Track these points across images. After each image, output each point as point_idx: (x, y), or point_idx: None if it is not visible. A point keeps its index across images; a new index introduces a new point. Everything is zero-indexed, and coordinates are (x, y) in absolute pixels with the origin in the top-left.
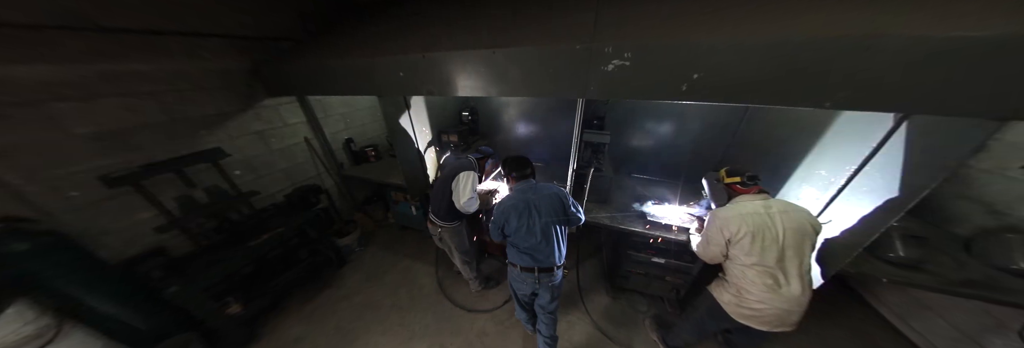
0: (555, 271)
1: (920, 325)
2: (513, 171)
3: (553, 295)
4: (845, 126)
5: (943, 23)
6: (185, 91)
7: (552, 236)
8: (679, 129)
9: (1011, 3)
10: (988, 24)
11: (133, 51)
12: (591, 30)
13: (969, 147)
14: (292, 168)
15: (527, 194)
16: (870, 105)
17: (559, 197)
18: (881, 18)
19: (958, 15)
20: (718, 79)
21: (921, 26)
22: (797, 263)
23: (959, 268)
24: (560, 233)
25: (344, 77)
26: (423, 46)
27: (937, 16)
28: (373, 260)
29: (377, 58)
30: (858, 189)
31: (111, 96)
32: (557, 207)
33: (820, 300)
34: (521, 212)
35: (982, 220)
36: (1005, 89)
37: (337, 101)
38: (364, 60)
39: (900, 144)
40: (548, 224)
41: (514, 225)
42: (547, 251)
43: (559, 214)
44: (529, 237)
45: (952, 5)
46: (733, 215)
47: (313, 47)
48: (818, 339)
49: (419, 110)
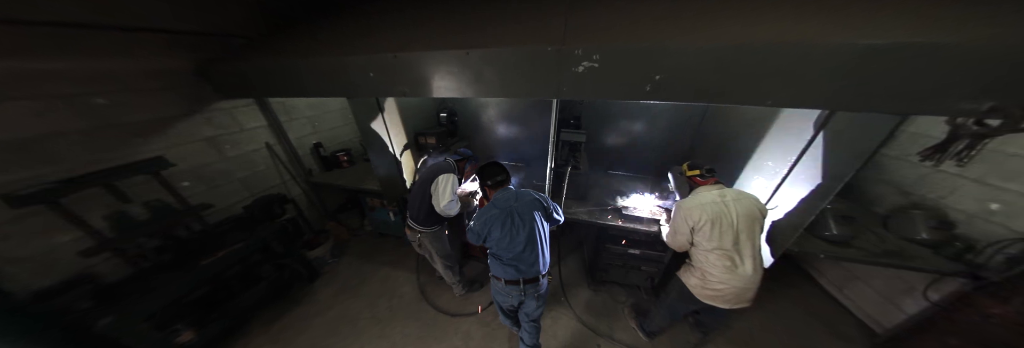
0: (540, 280)
1: (852, 293)
2: (487, 180)
3: (539, 303)
4: (786, 122)
5: (856, 33)
6: (114, 93)
7: (536, 242)
8: (650, 127)
9: (908, 17)
10: (890, 34)
11: (46, 47)
12: (562, 33)
13: (879, 139)
14: (252, 177)
15: (509, 203)
16: (802, 103)
17: (539, 201)
18: (808, 28)
19: (869, 26)
20: (677, 80)
21: (839, 35)
22: (750, 245)
23: (879, 242)
24: (544, 238)
25: (309, 77)
26: (395, 45)
27: (851, 27)
28: (349, 271)
29: (346, 57)
30: (797, 177)
31: (16, 99)
32: (539, 214)
33: (773, 278)
34: (504, 222)
35: (895, 199)
36: (906, 89)
37: (303, 103)
38: (331, 59)
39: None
40: (532, 228)
41: (496, 236)
42: (531, 260)
43: (542, 222)
44: (513, 247)
45: (864, 18)
46: (694, 205)
47: (273, 44)
48: (771, 312)
49: (393, 112)
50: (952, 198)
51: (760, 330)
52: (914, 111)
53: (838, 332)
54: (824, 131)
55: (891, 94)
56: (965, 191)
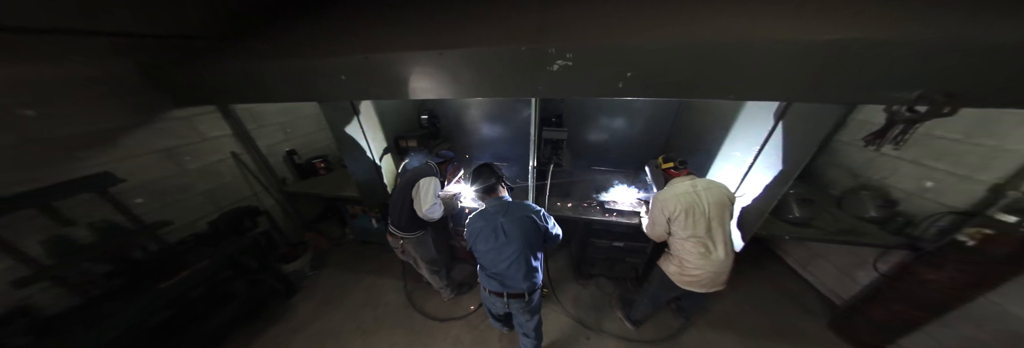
0: (528, 297)
1: (814, 269)
2: (474, 184)
3: (529, 316)
4: (750, 115)
5: (806, 31)
6: (45, 104)
7: (524, 262)
8: (630, 123)
9: (852, 15)
10: (835, 31)
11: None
12: (536, 32)
13: (828, 127)
14: (217, 189)
15: (497, 218)
16: (761, 96)
17: (533, 221)
18: (764, 26)
19: (816, 24)
20: (647, 76)
21: (792, 33)
22: (721, 231)
23: (835, 221)
24: (534, 257)
25: (276, 82)
26: (366, 47)
27: (802, 25)
28: (330, 282)
29: (315, 60)
30: (761, 165)
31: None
32: (530, 232)
33: (745, 261)
34: (489, 237)
35: (846, 182)
36: (850, 81)
37: (273, 109)
38: (300, 62)
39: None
40: (519, 247)
41: (482, 249)
42: (516, 278)
43: (533, 240)
44: (497, 263)
45: (813, 17)
46: (669, 196)
47: (236, 47)
48: (744, 292)
49: (370, 115)
50: (893, 178)
51: (736, 310)
52: (858, 101)
53: (804, 307)
54: (783, 121)
55: (838, 86)
56: (904, 172)
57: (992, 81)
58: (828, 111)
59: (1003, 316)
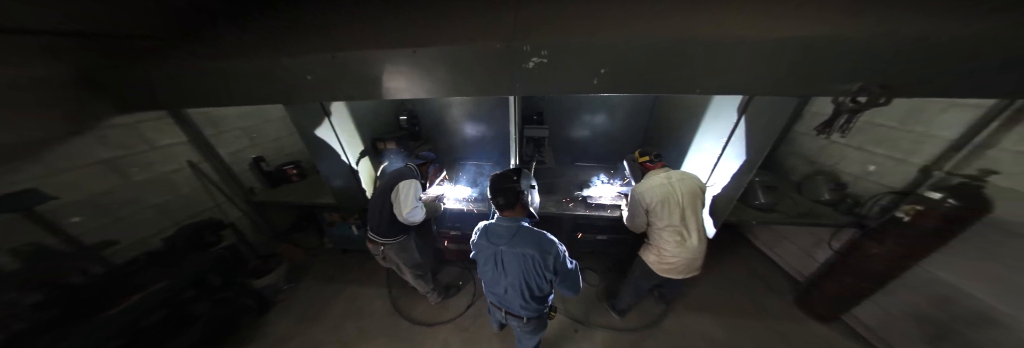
0: (526, 320)
1: (780, 251)
2: (491, 193)
3: (529, 337)
4: (717, 108)
5: (766, 28)
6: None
7: (519, 297)
8: (610, 118)
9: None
10: (793, 29)
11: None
12: (511, 29)
13: (785, 118)
14: (172, 202)
15: (498, 244)
16: (724, 90)
17: (538, 262)
18: (727, 23)
19: (770, 23)
20: (620, 73)
21: (752, 30)
22: (694, 220)
23: (795, 205)
24: (535, 292)
25: (235, 83)
26: (333, 45)
27: (761, 22)
28: (309, 295)
29: (278, 59)
30: (729, 156)
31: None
32: (530, 273)
33: (718, 246)
34: (487, 259)
35: (804, 168)
36: (802, 75)
37: (235, 113)
38: (261, 62)
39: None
40: (517, 288)
41: (479, 266)
42: (513, 305)
43: (533, 280)
44: (494, 286)
45: (771, 15)
46: (646, 189)
47: (189, 46)
48: (719, 275)
49: (343, 117)
50: (842, 163)
51: (711, 293)
52: (810, 93)
53: (771, 286)
54: (746, 115)
55: (792, 80)
56: (851, 157)
57: (920, 74)
58: (785, 104)
59: (933, 282)
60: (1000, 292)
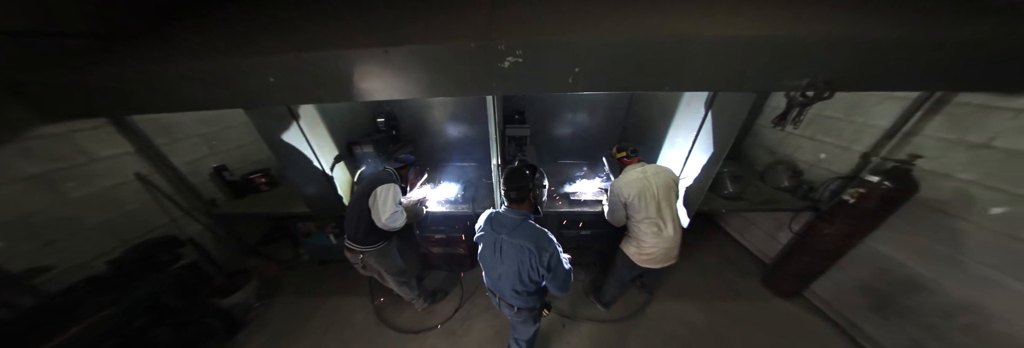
0: (516, 310)
1: (750, 235)
2: (504, 184)
3: (523, 326)
4: (687, 105)
5: (728, 27)
6: None
7: (510, 286)
8: (590, 116)
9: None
10: (750, 28)
11: None
12: (486, 28)
13: (744, 112)
14: (118, 220)
15: (501, 233)
16: (692, 87)
17: (534, 255)
18: (693, 23)
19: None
20: (594, 71)
21: (716, 29)
22: (669, 211)
23: (759, 193)
24: (524, 286)
25: (186, 87)
26: (297, 45)
27: (724, 22)
28: (285, 311)
29: (236, 60)
30: (699, 149)
31: None
32: (524, 265)
33: (693, 235)
34: (488, 245)
35: (766, 158)
36: (760, 71)
37: (191, 119)
38: (216, 63)
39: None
40: (509, 278)
41: (481, 253)
42: (506, 293)
43: (525, 273)
44: (490, 272)
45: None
46: (623, 183)
47: (133, 45)
48: (695, 262)
49: (314, 121)
50: (798, 153)
51: (689, 279)
52: (766, 89)
53: (743, 268)
54: (712, 110)
55: (751, 77)
56: (805, 147)
57: (857, 70)
58: (745, 99)
59: (874, 256)
60: (925, 261)
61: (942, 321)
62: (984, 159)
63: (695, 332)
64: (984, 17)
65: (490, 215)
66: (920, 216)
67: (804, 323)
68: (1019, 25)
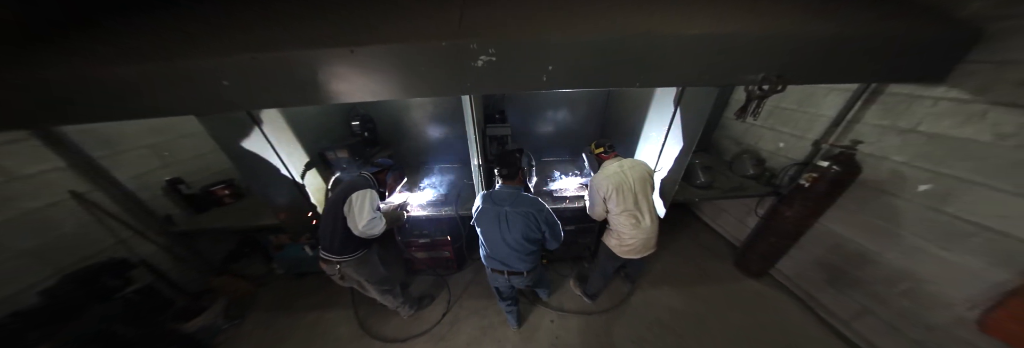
0: (526, 274)
1: (722, 222)
2: (499, 166)
3: (535, 287)
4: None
5: (692, 25)
6: None
7: (521, 250)
8: (572, 114)
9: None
10: (712, 26)
11: None
12: (456, 27)
13: (712, 106)
14: (51, 244)
15: (503, 206)
16: (660, 83)
17: (534, 217)
18: (656, 21)
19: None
20: (567, 69)
21: (678, 27)
22: (646, 203)
23: (728, 181)
24: (530, 246)
25: (125, 93)
26: (252, 45)
27: (688, 20)
28: (259, 330)
29: (183, 62)
30: (671, 142)
31: None
32: (531, 227)
33: (671, 224)
34: (492, 221)
35: (733, 149)
36: (721, 67)
37: (137, 128)
38: (160, 66)
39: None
40: (517, 238)
41: (484, 230)
42: (514, 261)
43: (530, 234)
44: (498, 246)
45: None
46: (602, 178)
47: (61, 47)
48: (673, 251)
49: (279, 126)
50: (761, 143)
51: (668, 267)
52: (728, 83)
53: (717, 253)
54: (681, 104)
55: (714, 72)
56: (767, 137)
57: (804, 64)
58: (711, 93)
59: (828, 234)
60: (869, 235)
61: (885, 288)
62: (912, 142)
63: (676, 316)
64: (903, 16)
65: (487, 194)
66: (863, 196)
67: (771, 299)
68: (926, 23)
